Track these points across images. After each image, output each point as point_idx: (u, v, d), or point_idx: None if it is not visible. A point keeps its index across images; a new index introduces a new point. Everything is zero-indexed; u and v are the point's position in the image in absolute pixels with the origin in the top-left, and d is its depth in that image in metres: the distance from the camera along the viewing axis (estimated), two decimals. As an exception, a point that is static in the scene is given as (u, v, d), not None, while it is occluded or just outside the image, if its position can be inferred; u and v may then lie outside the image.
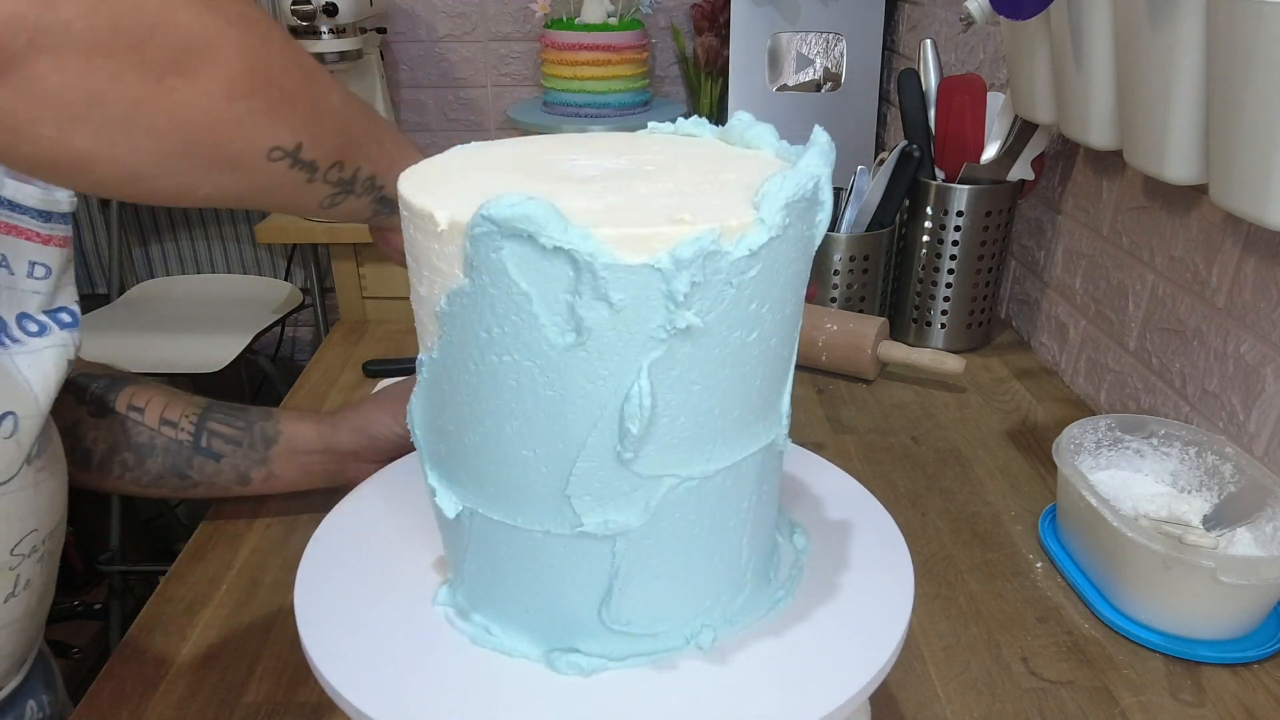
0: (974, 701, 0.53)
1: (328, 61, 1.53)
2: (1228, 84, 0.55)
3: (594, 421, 0.33)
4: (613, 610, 0.37)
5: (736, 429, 0.35)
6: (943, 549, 0.67)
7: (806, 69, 1.55)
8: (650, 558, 0.36)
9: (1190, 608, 0.56)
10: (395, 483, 0.50)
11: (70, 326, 0.51)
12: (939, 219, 0.93)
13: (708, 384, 0.33)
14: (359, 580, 0.42)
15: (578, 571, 0.36)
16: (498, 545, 0.37)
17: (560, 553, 0.36)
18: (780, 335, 0.35)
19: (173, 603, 0.61)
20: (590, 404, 0.32)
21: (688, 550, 0.37)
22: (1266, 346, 0.66)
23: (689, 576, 0.38)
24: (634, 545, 0.35)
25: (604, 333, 0.31)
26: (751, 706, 0.35)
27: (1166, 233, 0.77)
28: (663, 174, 0.36)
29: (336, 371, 0.97)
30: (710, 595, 0.39)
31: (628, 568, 0.36)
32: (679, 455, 0.34)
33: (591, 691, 0.36)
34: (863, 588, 0.42)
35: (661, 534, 0.36)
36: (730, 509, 0.37)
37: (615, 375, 0.32)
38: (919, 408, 0.87)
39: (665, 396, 0.32)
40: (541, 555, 0.36)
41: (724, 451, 0.35)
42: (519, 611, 0.38)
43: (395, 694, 0.36)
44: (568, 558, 0.36)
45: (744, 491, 0.37)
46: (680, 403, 0.33)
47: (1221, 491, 0.62)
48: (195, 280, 2.11)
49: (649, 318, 0.31)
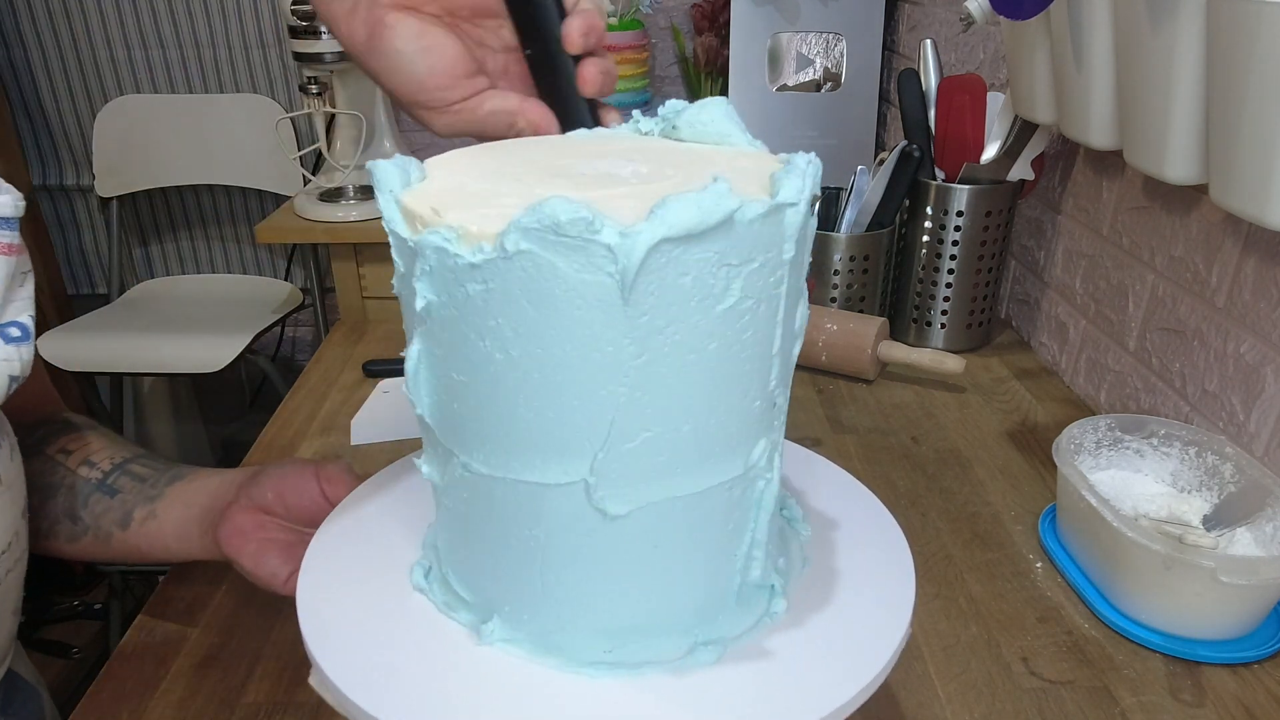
0: (974, 701, 0.53)
1: (327, 61, 1.53)
2: (1228, 84, 0.55)
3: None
4: (608, 607, 0.37)
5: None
6: (943, 549, 0.67)
7: (806, 69, 1.55)
8: (637, 542, 0.36)
9: (1190, 608, 0.56)
10: (396, 482, 0.50)
11: (18, 341, 0.46)
12: (939, 219, 0.93)
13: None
14: (361, 579, 0.42)
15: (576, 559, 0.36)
16: (482, 508, 0.37)
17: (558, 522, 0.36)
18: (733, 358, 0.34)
19: (173, 603, 0.61)
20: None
21: (676, 548, 0.37)
22: (1266, 346, 0.66)
23: (678, 573, 0.37)
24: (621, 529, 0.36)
25: None
26: (751, 707, 0.35)
27: (1166, 233, 0.77)
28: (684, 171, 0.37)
29: (336, 371, 0.97)
30: (706, 594, 0.39)
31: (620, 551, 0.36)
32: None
33: (590, 693, 0.36)
34: (864, 587, 0.42)
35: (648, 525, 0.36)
36: (712, 522, 0.37)
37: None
38: (919, 408, 0.87)
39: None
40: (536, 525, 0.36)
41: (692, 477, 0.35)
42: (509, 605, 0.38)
43: (398, 694, 0.36)
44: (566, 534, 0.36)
45: (724, 510, 0.37)
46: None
47: (1221, 491, 0.62)
48: (195, 280, 2.12)
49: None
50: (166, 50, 1.92)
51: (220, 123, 1.93)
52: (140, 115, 1.93)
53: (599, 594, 0.37)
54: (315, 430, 0.85)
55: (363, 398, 0.90)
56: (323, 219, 1.50)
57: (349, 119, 1.64)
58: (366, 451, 0.81)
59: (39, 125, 1.98)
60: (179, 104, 1.94)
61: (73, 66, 1.93)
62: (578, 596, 0.37)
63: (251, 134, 1.91)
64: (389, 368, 0.95)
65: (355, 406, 0.89)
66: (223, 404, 2.19)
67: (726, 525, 0.37)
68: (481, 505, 0.37)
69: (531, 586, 0.37)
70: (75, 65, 1.93)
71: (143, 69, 1.93)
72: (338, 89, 1.64)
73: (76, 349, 1.66)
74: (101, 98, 1.95)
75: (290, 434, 0.85)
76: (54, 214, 2.07)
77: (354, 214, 1.50)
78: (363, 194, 1.58)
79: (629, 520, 0.35)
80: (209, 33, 1.90)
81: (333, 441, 0.83)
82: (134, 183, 1.96)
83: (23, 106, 1.96)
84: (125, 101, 1.93)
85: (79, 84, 1.94)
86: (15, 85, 1.94)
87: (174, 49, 1.92)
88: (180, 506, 0.56)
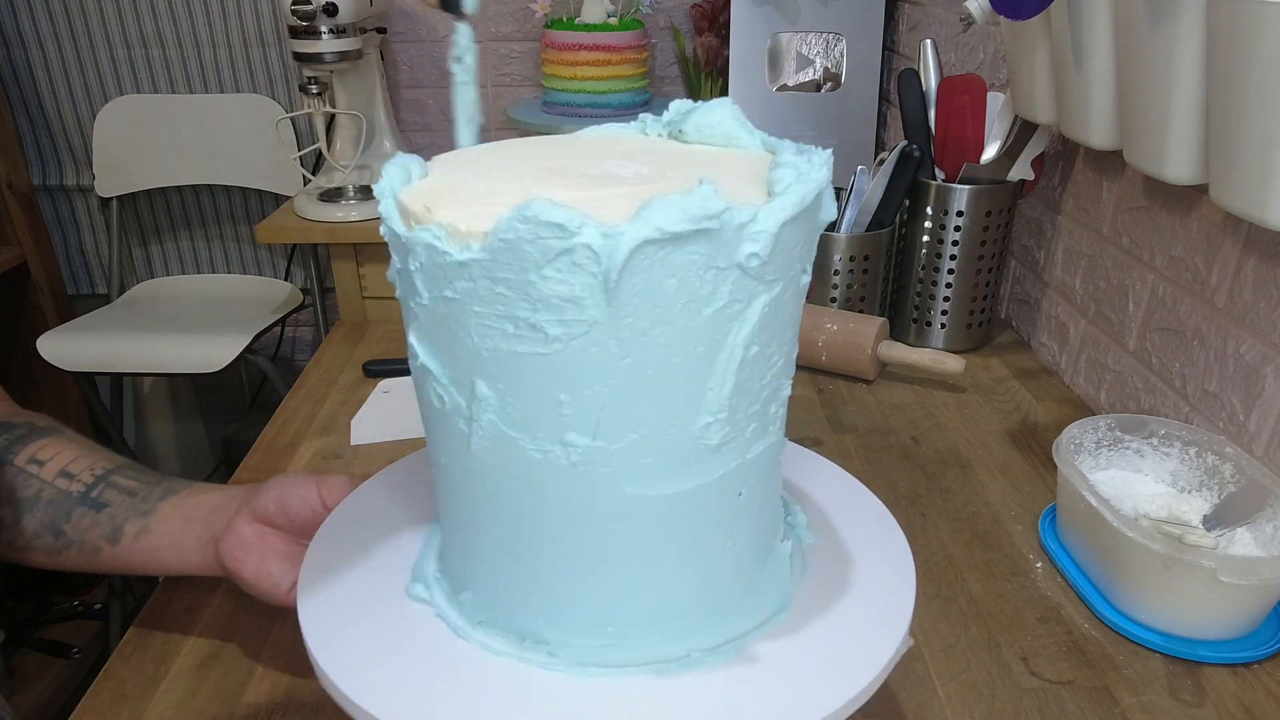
0: (974, 702, 0.53)
1: (327, 61, 1.53)
2: (1228, 84, 0.55)
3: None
4: (601, 603, 0.37)
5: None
6: (943, 549, 0.67)
7: (806, 69, 1.55)
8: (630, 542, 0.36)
9: (1190, 608, 0.56)
10: (397, 483, 0.50)
11: None
12: (939, 219, 0.93)
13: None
14: (361, 580, 0.42)
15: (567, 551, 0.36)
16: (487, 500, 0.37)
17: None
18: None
19: (173, 603, 0.61)
20: None
21: (667, 545, 0.37)
22: (1266, 346, 0.66)
23: (670, 571, 0.37)
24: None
25: None
26: (752, 707, 0.35)
27: (1166, 233, 0.77)
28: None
29: (336, 371, 0.97)
30: (701, 594, 0.39)
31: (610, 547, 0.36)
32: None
33: (589, 696, 0.36)
34: (864, 588, 0.42)
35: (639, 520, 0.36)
36: (705, 519, 0.37)
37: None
38: (919, 408, 0.87)
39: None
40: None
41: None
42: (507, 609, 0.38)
43: (397, 694, 0.36)
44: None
45: (720, 503, 0.37)
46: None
47: (1221, 491, 0.62)
48: (195, 280, 2.11)
49: None
50: (166, 50, 1.92)
51: (220, 123, 1.93)
52: (140, 115, 1.93)
53: (592, 589, 0.37)
54: (315, 430, 0.85)
55: (363, 398, 0.90)
56: (323, 219, 1.50)
57: (349, 119, 1.64)
58: (366, 451, 0.81)
59: (39, 125, 1.98)
60: (179, 104, 1.94)
61: (73, 66, 1.93)
62: (571, 589, 0.37)
63: (251, 134, 1.91)
64: (389, 368, 0.95)
65: (355, 406, 0.89)
66: (223, 404, 2.19)
67: (718, 525, 0.37)
68: (481, 484, 0.37)
69: (524, 580, 0.37)
70: (75, 65, 1.93)
71: (143, 69, 1.93)
72: (338, 89, 1.64)
73: (76, 349, 1.66)
74: (101, 98, 1.95)
75: (290, 434, 0.85)
76: (54, 214, 2.07)
77: (354, 214, 1.50)
78: (363, 194, 1.58)
79: (622, 512, 0.35)
80: (209, 33, 1.90)
81: (333, 441, 0.83)
82: (134, 183, 1.95)
83: (23, 106, 1.95)
84: (125, 101, 1.93)
85: (79, 84, 1.94)
86: (15, 85, 1.93)
87: (174, 49, 1.92)
88: (176, 521, 0.55)
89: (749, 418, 0.36)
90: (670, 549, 0.37)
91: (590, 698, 0.36)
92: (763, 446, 0.37)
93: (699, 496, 0.36)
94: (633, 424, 0.33)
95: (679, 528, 0.36)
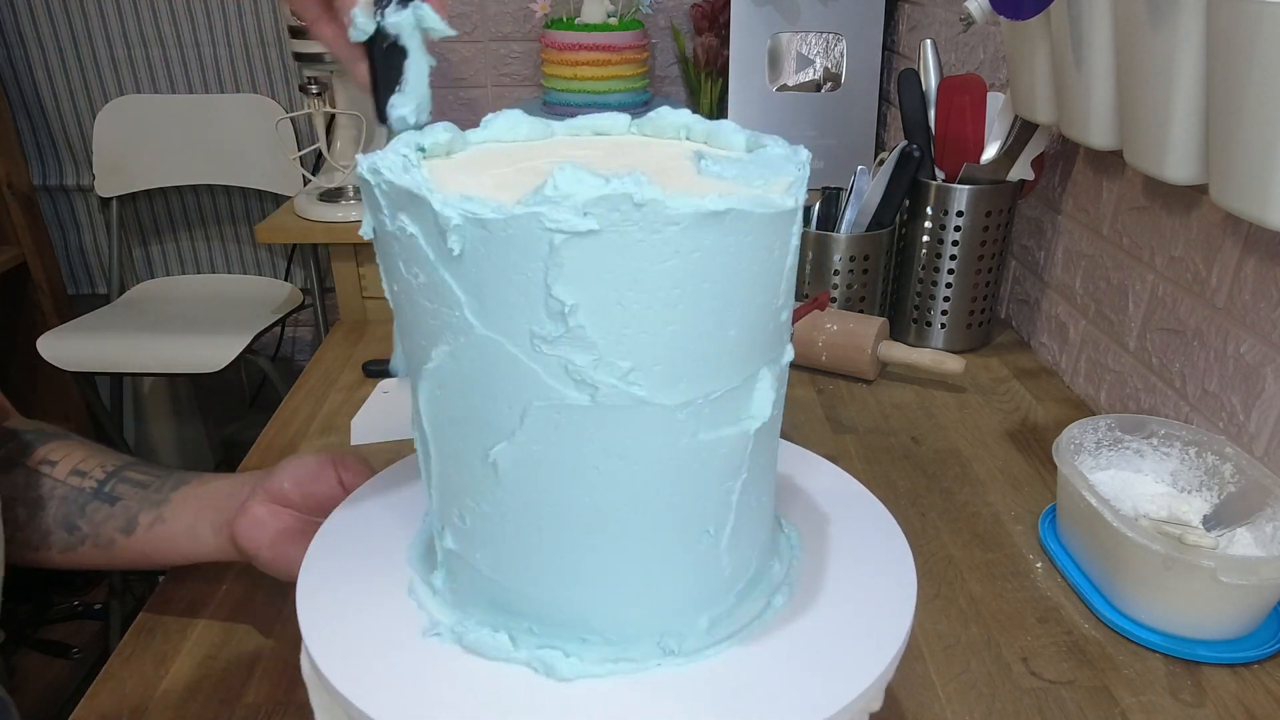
0: (974, 702, 0.53)
1: (327, 62, 1.53)
2: (1228, 84, 0.55)
3: None
4: (591, 601, 0.37)
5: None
6: (943, 549, 0.67)
7: (806, 69, 1.55)
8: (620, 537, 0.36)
9: (1190, 608, 0.56)
10: (397, 484, 0.50)
11: None
12: (939, 219, 0.93)
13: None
14: (361, 580, 0.43)
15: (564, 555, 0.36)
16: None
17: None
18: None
19: (173, 603, 0.61)
20: None
21: (660, 536, 0.37)
22: (1267, 346, 0.66)
23: (663, 567, 0.37)
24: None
25: None
26: (752, 708, 0.35)
27: (1166, 233, 0.77)
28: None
29: (336, 371, 0.97)
30: (693, 588, 0.39)
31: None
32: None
33: (587, 698, 0.36)
34: (864, 588, 0.42)
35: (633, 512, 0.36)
36: (700, 489, 0.37)
37: None
38: (919, 408, 0.87)
39: None
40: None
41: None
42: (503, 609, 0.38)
43: (394, 695, 0.36)
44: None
45: (714, 472, 0.37)
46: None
47: (1221, 491, 0.62)
48: (195, 280, 2.12)
49: None
50: (166, 50, 1.92)
51: (220, 123, 1.93)
52: (140, 115, 1.93)
53: (587, 587, 0.37)
54: (315, 430, 0.85)
55: (363, 398, 0.90)
56: (323, 219, 1.50)
57: (349, 119, 1.63)
58: (367, 451, 0.81)
59: (39, 125, 1.98)
60: (179, 104, 1.94)
61: (73, 66, 1.93)
62: (566, 587, 0.37)
63: (251, 134, 1.91)
64: (389, 368, 0.95)
65: (355, 406, 0.89)
66: (223, 404, 2.19)
67: (710, 519, 0.37)
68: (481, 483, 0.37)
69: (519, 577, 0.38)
70: (75, 65, 1.93)
71: (143, 69, 1.93)
72: (338, 89, 1.64)
73: (76, 349, 1.66)
74: (101, 98, 1.95)
75: (290, 434, 0.85)
76: (54, 214, 2.07)
77: (354, 214, 1.50)
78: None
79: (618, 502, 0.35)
80: (209, 33, 1.90)
81: (333, 442, 0.83)
82: (134, 183, 1.95)
83: (23, 106, 1.96)
84: (125, 101, 1.93)
85: (79, 84, 1.94)
86: (15, 85, 1.93)
87: (174, 49, 1.92)
88: (191, 508, 0.56)
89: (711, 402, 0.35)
90: (665, 546, 0.37)
91: (585, 699, 0.36)
92: (737, 430, 0.36)
93: (688, 481, 0.36)
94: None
95: (673, 520, 0.36)
